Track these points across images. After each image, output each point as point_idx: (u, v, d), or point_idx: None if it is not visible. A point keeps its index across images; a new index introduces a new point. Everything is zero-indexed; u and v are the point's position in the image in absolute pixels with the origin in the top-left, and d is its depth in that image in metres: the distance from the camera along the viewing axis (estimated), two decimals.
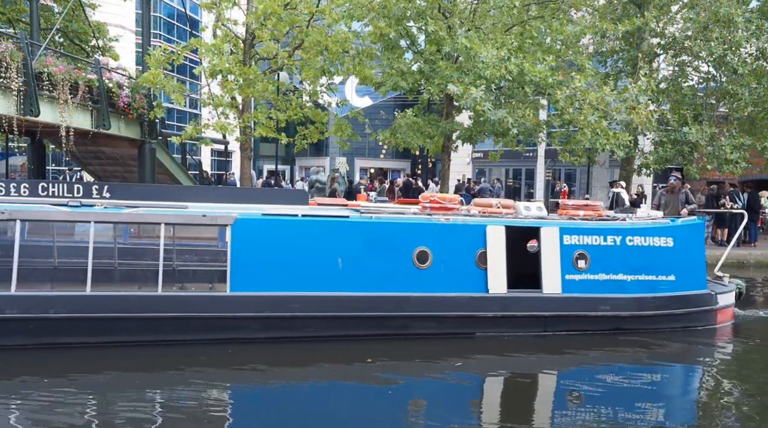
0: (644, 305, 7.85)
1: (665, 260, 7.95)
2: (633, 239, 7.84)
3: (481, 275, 7.51)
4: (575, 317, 7.74)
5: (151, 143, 16.29)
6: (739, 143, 16.62)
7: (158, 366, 6.53)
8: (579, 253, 7.70)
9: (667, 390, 6.46)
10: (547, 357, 7.23)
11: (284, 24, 14.76)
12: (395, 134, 15.84)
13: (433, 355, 7.01)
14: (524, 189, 33.70)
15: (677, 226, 8.21)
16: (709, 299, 8.32)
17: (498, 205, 8.27)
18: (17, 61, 11.68)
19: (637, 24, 16.01)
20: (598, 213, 8.37)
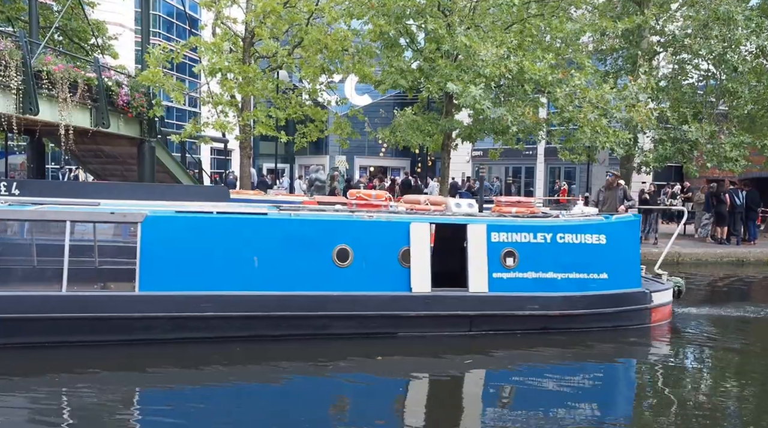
0: (574, 304, 7.69)
1: (597, 257, 7.79)
2: (564, 237, 7.67)
3: (405, 273, 7.31)
4: (502, 316, 7.57)
5: (150, 141, 16.28)
6: (738, 141, 16.63)
7: (56, 368, 6.23)
8: (507, 251, 7.53)
9: (595, 390, 6.32)
10: (474, 357, 7.07)
11: (284, 22, 14.74)
12: (395, 133, 15.83)
13: (355, 355, 6.86)
14: (524, 187, 33.70)
15: (610, 223, 8.05)
16: (643, 298, 8.13)
17: (426, 202, 8.11)
18: (16, 60, 11.65)
19: (637, 22, 16.00)
20: (531, 210, 8.20)
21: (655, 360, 7.46)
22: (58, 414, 5.26)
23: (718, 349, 7.79)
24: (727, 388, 6.30)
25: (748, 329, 8.89)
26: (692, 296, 11.16)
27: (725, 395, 6.07)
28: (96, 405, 5.45)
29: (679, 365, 7.26)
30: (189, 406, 5.50)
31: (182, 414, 5.30)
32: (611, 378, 6.75)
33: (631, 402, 6.05)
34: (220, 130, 15.69)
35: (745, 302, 10.94)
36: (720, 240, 16.75)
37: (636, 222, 8.36)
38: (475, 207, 8.16)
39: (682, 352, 7.75)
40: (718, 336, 8.46)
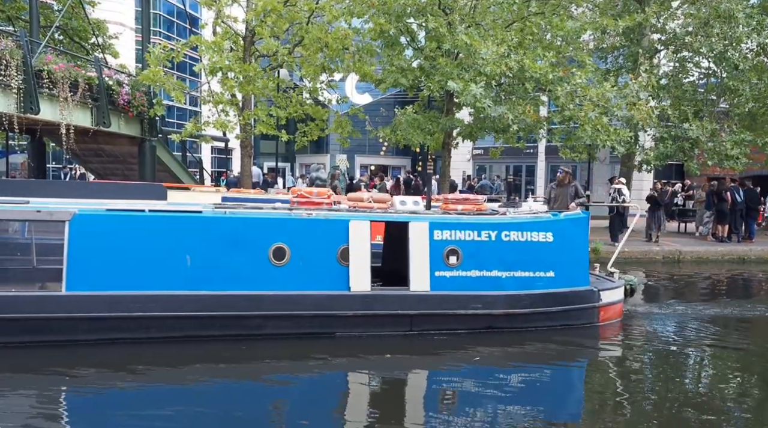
0: (519, 303, 7.54)
1: (544, 255, 7.63)
2: (509, 234, 7.53)
3: (343, 272, 7.14)
4: (444, 315, 7.38)
5: (151, 140, 16.30)
6: (739, 139, 16.62)
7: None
8: (450, 249, 7.36)
9: (540, 390, 6.12)
10: (414, 358, 6.91)
11: (284, 21, 14.75)
12: (395, 131, 15.83)
13: (290, 356, 6.68)
14: (524, 186, 33.70)
15: (558, 220, 7.86)
16: (591, 297, 7.94)
17: (370, 199, 7.92)
18: (17, 59, 11.67)
19: (638, 20, 15.98)
20: (477, 207, 8.01)
21: (601, 359, 7.35)
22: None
23: (667, 348, 7.58)
24: (674, 387, 6.15)
25: (702, 327, 8.67)
26: (670, 293, 11.18)
27: (672, 394, 5.91)
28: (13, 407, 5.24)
29: (626, 364, 7.07)
30: (114, 412, 5.23)
31: (112, 420, 5.05)
32: (557, 378, 6.54)
33: (577, 402, 5.91)
34: (220, 129, 15.70)
35: (707, 300, 10.84)
36: (721, 238, 16.75)
37: (584, 219, 8.15)
38: (421, 205, 8.00)
39: (630, 351, 7.54)
40: (669, 334, 8.27)
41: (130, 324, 6.70)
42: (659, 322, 8.86)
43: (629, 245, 15.22)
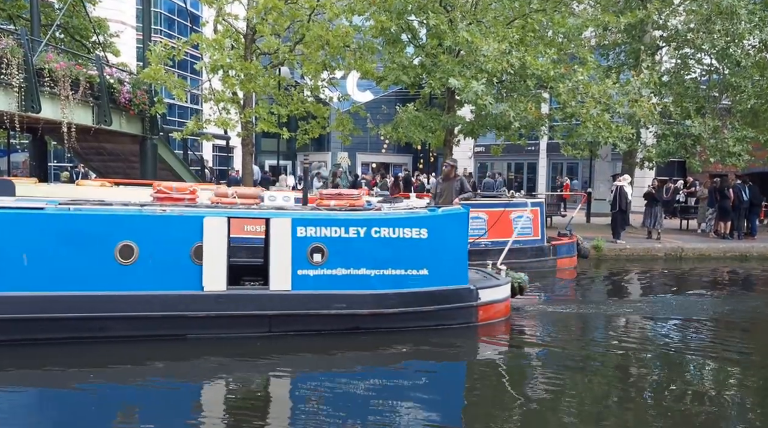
0: (388, 302, 7.19)
1: (417, 253, 7.28)
2: (380, 231, 7.15)
3: (196, 271, 6.80)
4: (305, 315, 7.04)
5: (152, 138, 16.29)
6: (741, 136, 16.58)
7: None
8: (314, 246, 7.02)
9: (408, 392, 5.77)
10: (273, 361, 6.52)
11: (285, 19, 14.73)
12: (397, 129, 15.82)
13: (136, 360, 6.30)
14: (526, 183, 33.67)
15: (434, 216, 7.49)
16: (468, 295, 7.61)
17: (234, 195, 7.54)
18: (18, 58, 11.67)
19: (640, 16, 15.95)
20: (351, 203, 7.65)
21: (474, 360, 7.00)
22: None
23: (546, 348, 7.28)
24: (552, 388, 5.86)
25: (590, 327, 8.40)
26: (593, 292, 10.82)
27: (540, 395, 5.68)
28: None
29: (500, 365, 6.79)
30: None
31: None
32: (425, 380, 6.19)
33: (444, 404, 5.61)
34: (222, 127, 15.70)
35: (620, 299, 10.46)
36: (723, 235, 16.72)
37: (463, 215, 7.69)
38: (292, 201, 7.67)
39: (506, 352, 7.27)
40: (552, 334, 7.96)
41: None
42: (548, 321, 8.56)
43: (631, 243, 15.21)
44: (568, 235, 13.65)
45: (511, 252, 12.32)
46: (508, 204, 13.02)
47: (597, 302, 9.98)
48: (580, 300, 10.24)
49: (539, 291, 10.86)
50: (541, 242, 12.69)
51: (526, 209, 11.82)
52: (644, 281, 12.46)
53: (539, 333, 8.05)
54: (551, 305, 9.50)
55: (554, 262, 12.70)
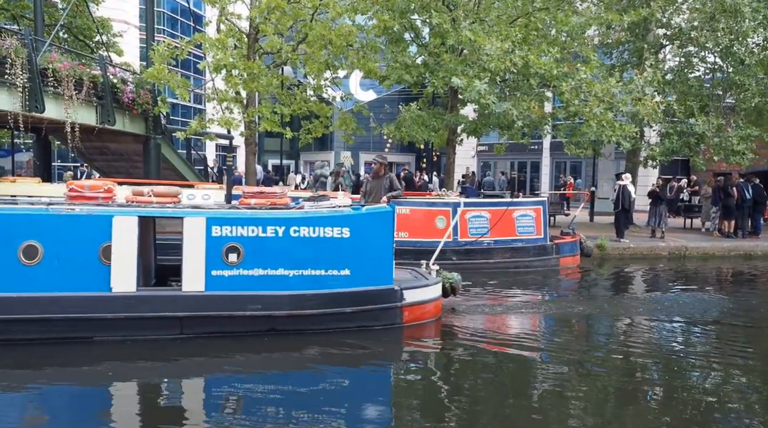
0: (306, 304, 7.04)
1: (338, 252, 7.11)
2: (299, 230, 6.97)
3: (105, 271, 6.62)
4: (219, 317, 6.86)
5: (155, 138, 16.32)
6: (745, 134, 16.54)
7: None
8: (230, 246, 6.85)
9: (321, 394, 5.59)
10: (183, 363, 6.35)
11: (288, 18, 14.73)
12: (400, 128, 15.81)
13: (39, 363, 6.10)
14: (529, 182, 33.62)
15: (357, 215, 7.31)
16: (392, 296, 7.42)
17: (150, 193, 7.34)
18: (22, 58, 11.69)
19: (643, 15, 15.91)
20: (272, 201, 7.46)
21: (395, 361, 6.84)
22: None
23: (472, 348, 7.11)
24: (472, 391, 5.73)
25: (513, 326, 8.24)
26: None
27: (458, 395, 5.58)
28: None
29: (423, 366, 6.64)
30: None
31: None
32: (343, 382, 6.05)
33: (363, 407, 5.44)
34: (225, 126, 15.70)
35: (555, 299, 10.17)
36: (727, 234, 16.68)
37: (389, 214, 7.47)
38: (212, 199, 7.49)
39: (431, 353, 7.06)
40: (482, 334, 7.80)
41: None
42: (481, 322, 8.37)
43: (635, 242, 15.19)
44: (571, 234, 13.63)
45: (514, 251, 12.40)
46: (511, 203, 13.02)
47: (580, 302, 9.85)
48: (554, 300, 10.03)
49: (541, 290, 10.87)
50: (544, 240, 12.68)
51: (459, 208, 11.44)
52: (646, 280, 12.45)
53: (469, 334, 7.76)
54: (487, 305, 9.27)
55: (557, 261, 12.69)
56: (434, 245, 11.83)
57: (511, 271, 11.97)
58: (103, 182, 8.03)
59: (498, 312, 8.94)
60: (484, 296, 9.95)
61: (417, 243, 11.76)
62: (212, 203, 7.38)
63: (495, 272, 11.74)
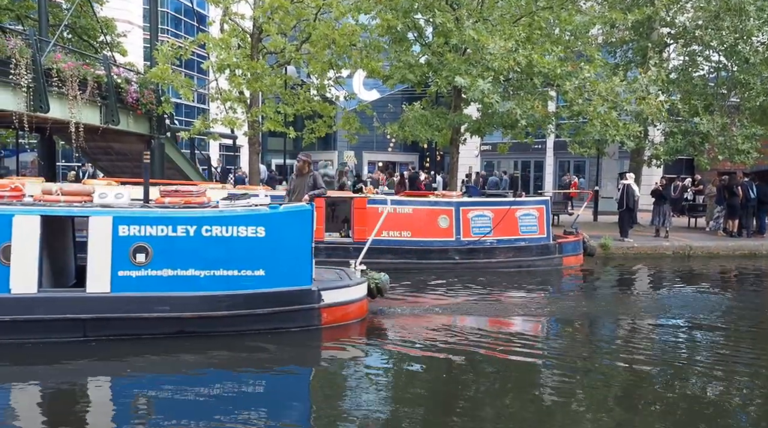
0: (217, 305, 6.83)
1: (253, 252, 6.93)
2: (211, 229, 6.79)
3: (4, 272, 6.42)
4: (125, 319, 6.65)
5: (159, 138, 16.35)
6: (750, 133, 16.48)
7: None
8: (138, 246, 6.65)
9: (225, 399, 5.41)
10: (86, 366, 6.14)
11: (291, 18, 14.74)
12: (403, 127, 15.81)
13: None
14: (533, 181, 33.57)
15: (273, 214, 7.12)
16: (309, 297, 7.24)
17: (58, 192, 7.09)
18: (26, 58, 11.73)
19: (647, 13, 15.87)
20: (186, 200, 7.27)
21: (308, 364, 6.66)
22: None
23: (394, 350, 6.94)
24: (388, 394, 5.63)
25: (444, 328, 7.96)
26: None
27: (383, 401, 5.46)
28: None
29: (336, 371, 6.45)
30: None
31: None
32: (251, 386, 5.87)
33: (271, 410, 5.24)
34: (228, 126, 15.74)
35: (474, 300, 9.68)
36: (731, 233, 16.62)
37: (307, 212, 7.30)
38: (126, 198, 7.28)
39: (346, 356, 6.84)
40: (405, 336, 7.55)
41: None
42: (408, 323, 8.14)
43: (639, 241, 15.16)
44: (574, 233, 13.61)
45: (517, 250, 12.39)
46: (513, 202, 13.01)
47: (551, 302, 9.63)
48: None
49: (545, 289, 10.86)
50: (547, 240, 12.67)
51: (386, 206, 11.05)
52: (649, 279, 12.42)
53: (394, 336, 7.58)
54: (419, 306, 8.96)
55: (560, 260, 12.68)
56: (436, 244, 11.89)
57: (513, 270, 11.96)
58: (10, 180, 7.83)
59: (431, 313, 8.61)
60: (426, 296, 9.74)
61: (420, 243, 11.78)
62: (125, 202, 7.21)
63: (498, 272, 11.73)
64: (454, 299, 9.62)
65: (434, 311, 8.73)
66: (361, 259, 8.36)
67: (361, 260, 8.35)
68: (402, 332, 7.74)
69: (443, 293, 9.98)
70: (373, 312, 8.19)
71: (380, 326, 7.91)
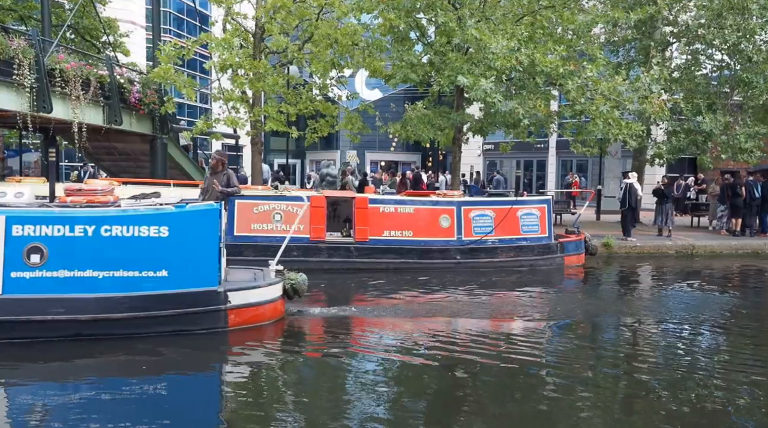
0: (115, 307, 6.62)
1: (155, 253, 6.74)
2: (111, 229, 6.60)
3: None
4: (17, 322, 6.40)
5: (162, 138, 16.39)
6: (753, 132, 16.44)
7: None
8: (32, 246, 6.45)
9: (120, 404, 5.18)
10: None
11: (294, 17, 14.76)
12: (406, 127, 15.80)
13: None
14: (535, 180, 33.55)
15: (177, 213, 6.95)
16: (214, 298, 7.02)
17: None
18: (29, 58, 11.78)
19: (650, 12, 15.84)
20: (89, 199, 7.05)
21: (211, 367, 6.45)
22: None
23: (309, 352, 6.81)
24: (295, 396, 5.49)
25: (360, 329, 7.76)
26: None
27: (290, 404, 5.31)
28: None
29: (239, 373, 6.24)
30: None
31: None
32: (152, 390, 5.66)
33: (156, 415, 5.02)
34: (231, 126, 15.76)
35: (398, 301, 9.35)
36: (734, 232, 16.59)
37: (213, 212, 7.09)
38: (25, 196, 7.08)
39: (252, 359, 6.62)
40: (322, 337, 7.43)
41: None
42: (326, 324, 7.95)
43: (642, 240, 15.14)
44: (576, 232, 13.61)
45: (518, 250, 12.40)
46: (515, 202, 13.00)
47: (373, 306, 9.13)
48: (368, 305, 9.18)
49: (547, 288, 10.85)
50: (549, 239, 12.66)
51: (303, 204, 10.62)
52: (652, 278, 12.41)
53: (307, 337, 7.44)
54: (340, 307, 8.67)
55: (561, 259, 12.67)
56: (438, 244, 11.89)
57: (515, 270, 11.96)
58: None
59: (350, 314, 8.37)
60: (374, 297, 9.54)
61: (421, 242, 11.78)
62: (24, 202, 6.98)
63: (499, 271, 11.73)
64: (402, 299, 9.30)
65: (354, 313, 8.43)
66: (278, 259, 8.00)
67: (278, 259, 7.99)
68: (317, 334, 7.54)
69: (411, 294, 9.66)
70: (292, 313, 7.95)
71: (295, 328, 7.66)
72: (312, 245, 11.34)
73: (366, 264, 11.43)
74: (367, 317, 8.45)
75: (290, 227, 9.38)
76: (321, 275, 10.32)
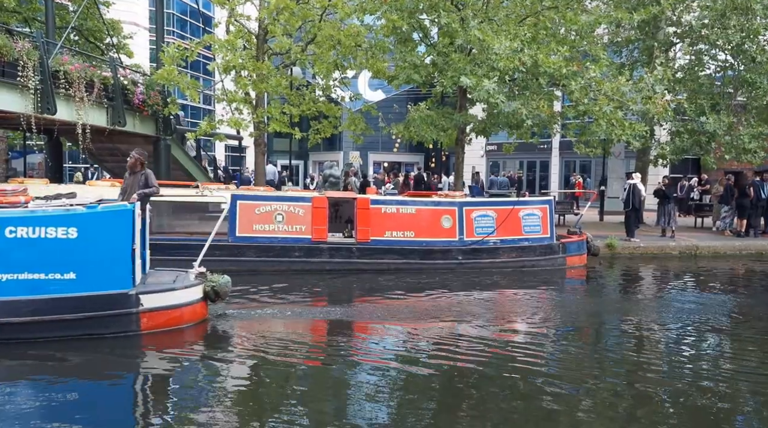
0: (18, 310, 6.41)
1: (62, 255, 6.56)
2: (16, 231, 6.43)
3: None
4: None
5: (165, 139, 16.43)
6: (757, 132, 16.40)
7: None
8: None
9: (21, 411, 4.93)
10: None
11: (297, 19, 14.79)
12: (409, 128, 15.82)
13: None
14: (538, 181, 33.51)
15: (86, 214, 6.77)
16: (125, 301, 6.85)
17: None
18: (34, 60, 11.83)
19: (653, 13, 15.82)
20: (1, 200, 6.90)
21: (118, 373, 6.17)
22: None
23: (223, 356, 6.60)
24: (204, 400, 5.33)
25: (286, 332, 7.52)
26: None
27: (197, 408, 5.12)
28: None
29: (149, 380, 5.99)
30: None
31: None
32: (52, 396, 5.39)
33: (64, 423, 4.77)
34: (234, 127, 15.80)
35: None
36: (739, 233, 16.55)
37: (127, 212, 6.90)
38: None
39: (160, 364, 6.40)
40: (242, 340, 7.17)
41: None
42: (249, 327, 7.71)
43: (645, 241, 15.11)
44: (578, 233, 13.59)
45: (520, 250, 12.39)
46: (517, 202, 13.00)
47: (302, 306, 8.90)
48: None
49: (549, 289, 10.84)
50: (551, 240, 12.65)
51: (225, 204, 10.24)
52: (654, 279, 12.38)
53: (231, 340, 7.24)
54: (265, 310, 8.45)
55: (564, 260, 12.66)
56: (439, 244, 11.89)
57: (517, 270, 11.96)
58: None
59: (274, 317, 8.16)
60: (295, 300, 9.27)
61: (423, 243, 11.78)
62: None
63: (501, 272, 11.73)
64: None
65: (281, 316, 8.21)
66: (200, 261, 7.79)
67: (200, 261, 7.78)
68: (238, 337, 7.36)
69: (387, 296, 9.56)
70: (216, 316, 7.79)
71: (219, 331, 7.45)
72: (314, 246, 11.35)
73: (368, 265, 11.43)
74: (299, 319, 8.16)
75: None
76: (323, 276, 10.31)
